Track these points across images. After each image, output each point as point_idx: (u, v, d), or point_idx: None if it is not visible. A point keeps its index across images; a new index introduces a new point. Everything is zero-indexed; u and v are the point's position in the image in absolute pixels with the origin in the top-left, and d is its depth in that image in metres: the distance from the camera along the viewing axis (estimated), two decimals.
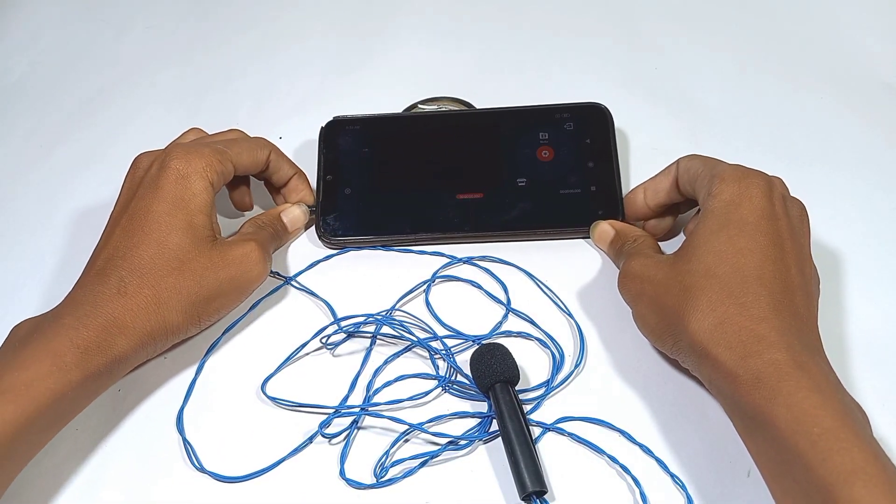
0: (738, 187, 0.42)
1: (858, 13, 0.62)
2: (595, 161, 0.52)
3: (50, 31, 0.68)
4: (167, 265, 0.43)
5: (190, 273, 0.44)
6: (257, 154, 0.49)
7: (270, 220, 0.50)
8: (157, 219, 0.44)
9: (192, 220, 0.45)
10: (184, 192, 0.45)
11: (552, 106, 0.54)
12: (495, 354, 0.44)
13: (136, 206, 0.45)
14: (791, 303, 0.39)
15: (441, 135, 0.54)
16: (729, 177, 0.42)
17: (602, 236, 0.49)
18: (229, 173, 0.47)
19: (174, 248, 0.44)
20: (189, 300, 0.44)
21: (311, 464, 0.43)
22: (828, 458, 0.33)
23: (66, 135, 0.60)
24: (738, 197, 0.41)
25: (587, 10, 0.64)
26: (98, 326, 0.41)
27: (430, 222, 0.51)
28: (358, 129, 0.54)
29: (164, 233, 0.44)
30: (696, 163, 0.45)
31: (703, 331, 0.38)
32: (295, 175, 0.52)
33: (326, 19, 0.66)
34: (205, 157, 0.46)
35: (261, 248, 0.47)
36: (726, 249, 0.40)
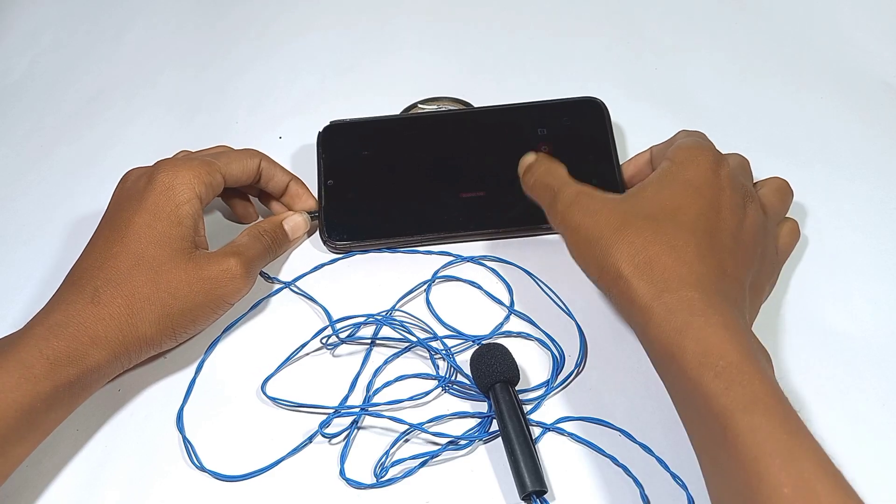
0: (689, 154, 0.44)
1: (858, 13, 0.62)
2: (594, 155, 0.52)
3: (50, 31, 0.68)
4: (142, 276, 0.43)
5: (165, 285, 0.43)
6: (247, 163, 0.49)
7: (271, 228, 0.50)
8: (136, 230, 0.44)
9: (172, 231, 0.44)
10: (167, 203, 0.45)
11: (548, 102, 0.55)
12: (495, 354, 0.44)
13: (119, 217, 0.45)
14: (718, 256, 0.41)
15: (440, 134, 0.54)
16: (684, 146, 0.45)
17: (524, 161, 0.49)
18: (219, 184, 0.47)
19: (150, 259, 0.43)
20: (163, 312, 0.43)
21: (311, 464, 0.43)
22: (730, 387, 0.35)
23: (66, 135, 0.60)
24: (687, 162, 0.44)
25: (587, 10, 0.64)
26: (69, 336, 0.41)
27: (433, 223, 0.51)
28: (356, 133, 0.54)
29: (142, 244, 0.44)
30: (680, 134, 0.48)
31: (632, 265, 0.41)
32: (291, 181, 0.52)
33: (326, 19, 0.66)
34: (192, 168, 0.46)
35: (243, 263, 0.46)
36: (667, 203, 0.42)
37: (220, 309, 0.46)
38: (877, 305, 0.47)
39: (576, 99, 0.55)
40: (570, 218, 0.44)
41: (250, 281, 0.47)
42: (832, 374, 0.45)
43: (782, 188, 0.48)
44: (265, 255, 0.49)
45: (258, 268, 0.48)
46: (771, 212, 0.46)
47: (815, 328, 0.47)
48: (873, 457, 0.42)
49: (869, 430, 0.43)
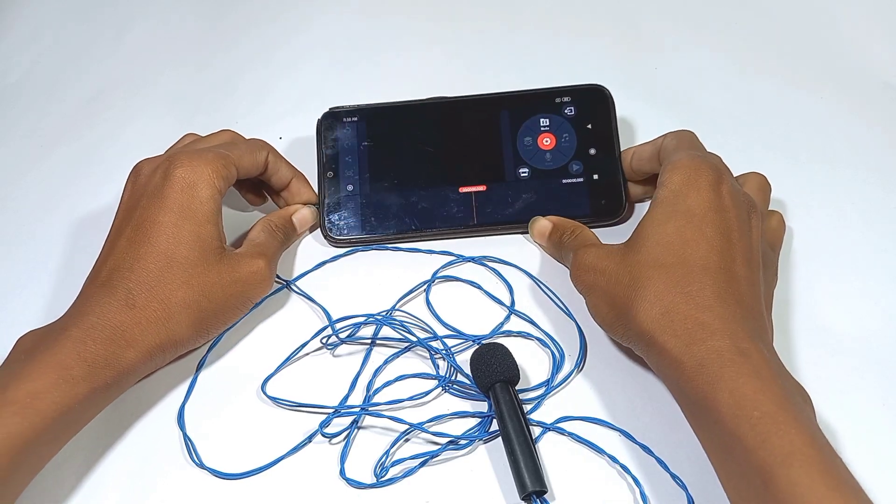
0: (687, 177, 0.42)
1: (858, 13, 0.62)
2: (597, 148, 0.52)
3: (50, 31, 0.68)
4: (176, 279, 0.43)
5: (199, 287, 0.43)
6: (257, 155, 0.49)
7: (282, 223, 0.50)
8: (163, 230, 0.43)
9: (200, 230, 0.44)
10: (191, 202, 0.44)
11: (552, 89, 0.54)
12: (495, 354, 0.44)
13: (142, 216, 0.44)
14: (736, 291, 0.40)
15: (441, 123, 0.54)
16: (680, 166, 0.43)
17: (541, 231, 0.49)
18: (233, 178, 0.47)
19: (182, 261, 0.43)
20: (198, 315, 0.43)
21: (311, 463, 0.43)
22: (766, 440, 0.34)
23: (66, 135, 0.60)
24: (685, 187, 0.42)
25: (587, 10, 0.64)
26: (106, 339, 0.40)
27: (434, 218, 0.51)
28: (355, 121, 0.54)
29: (171, 245, 0.43)
30: (672, 142, 0.47)
31: (651, 320, 0.39)
32: (294, 178, 0.52)
33: (326, 19, 0.66)
34: (210, 162, 0.45)
35: (269, 263, 0.46)
36: (673, 240, 0.41)
37: (246, 308, 0.46)
38: (877, 305, 0.47)
39: (580, 86, 0.54)
40: (583, 281, 0.44)
41: (273, 279, 0.47)
42: (832, 374, 0.45)
43: (763, 184, 0.48)
44: (281, 251, 0.50)
45: (278, 262, 0.49)
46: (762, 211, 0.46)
47: (816, 328, 0.47)
48: (874, 457, 0.42)
49: (869, 430, 0.43)
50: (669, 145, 0.47)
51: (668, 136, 0.48)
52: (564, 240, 0.48)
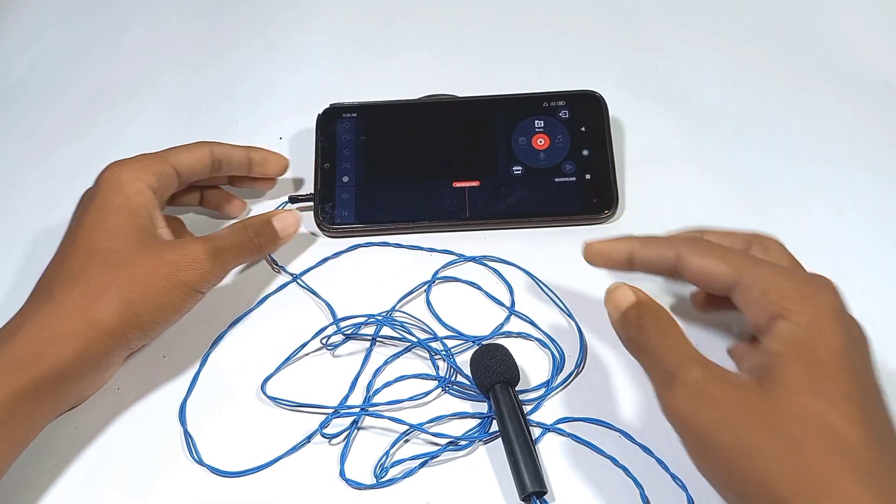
0: (812, 310, 0.36)
1: (859, 13, 0.62)
2: (590, 149, 0.53)
3: (50, 31, 0.68)
4: (97, 267, 0.42)
5: (123, 272, 0.42)
6: (197, 150, 0.48)
7: (258, 222, 0.48)
8: (86, 226, 0.43)
9: (125, 222, 0.43)
10: (115, 197, 0.44)
11: (547, 93, 0.55)
12: (495, 355, 0.44)
13: (71, 223, 0.45)
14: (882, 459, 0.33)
15: (438, 122, 0.55)
16: (793, 296, 0.36)
17: (619, 300, 0.40)
18: (170, 174, 0.46)
19: (105, 251, 0.42)
20: (122, 298, 0.41)
21: (310, 464, 0.43)
22: None
23: (66, 135, 0.60)
24: (817, 322, 0.35)
25: (587, 10, 0.64)
26: (23, 339, 0.39)
27: (427, 210, 0.52)
28: (354, 117, 0.55)
29: (94, 239, 0.43)
30: (718, 266, 0.38)
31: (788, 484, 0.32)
32: (250, 151, 0.51)
33: (326, 19, 0.66)
34: (138, 160, 0.46)
35: (209, 248, 0.44)
36: (816, 410, 0.33)
37: (186, 296, 0.43)
38: (877, 305, 0.47)
39: (574, 91, 0.55)
40: (694, 417, 0.35)
41: (218, 268, 0.45)
42: None
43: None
44: (244, 248, 0.47)
45: (232, 259, 0.46)
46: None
47: None
48: None
49: None
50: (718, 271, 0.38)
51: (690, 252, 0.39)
52: (645, 325, 0.38)
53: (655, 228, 0.51)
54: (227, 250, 0.45)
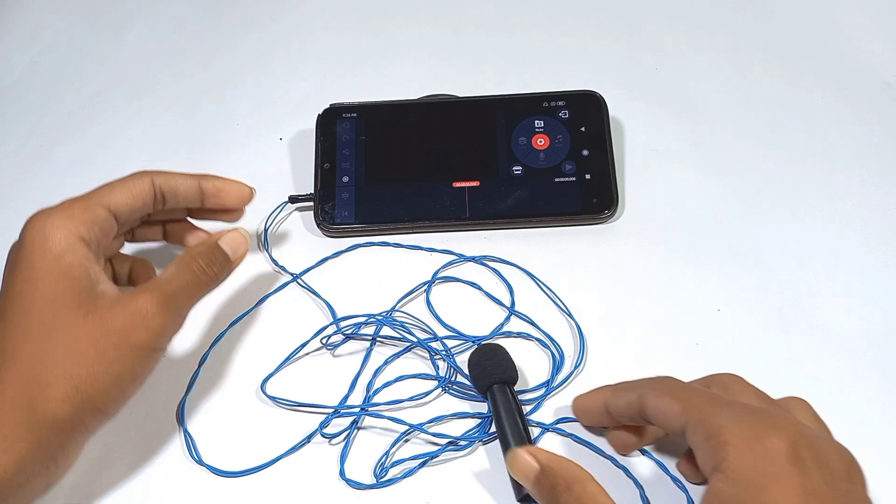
0: (754, 460, 0.30)
1: (859, 13, 0.62)
2: (590, 149, 0.53)
3: (50, 31, 0.68)
4: (32, 348, 0.35)
5: (63, 350, 0.35)
6: (134, 185, 0.42)
7: (205, 251, 0.42)
8: (16, 298, 0.36)
9: (58, 287, 0.36)
10: (44, 258, 0.37)
11: (547, 93, 0.55)
12: (493, 355, 0.44)
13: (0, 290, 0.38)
14: None
15: (438, 122, 0.55)
16: (734, 441, 0.31)
17: (522, 471, 0.37)
18: (104, 220, 0.40)
19: (37, 326, 0.36)
20: (69, 384, 0.35)
21: (310, 464, 0.43)
22: None
23: (66, 135, 0.60)
24: (757, 477, 0.30)
25: (587, 10, 0.64)
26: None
27: (427, 210, 0.52)
28: (354, 117, 0.55)
29: (24, 312, 0.36)
30: (671, 406, 0.35)
31: None
32: (201, 180, 0.45)
33: (327, 19, 0.66)
34: (64, 210, 0.39)
35: (160, 299, 0.38)
36: None
37: (143, 360, 0.38)
38: (877, 305, 0.47)
39: (574, 91, 0.55)
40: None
41: (173, 319, 0.39)
42: (832, 374, 0.45)
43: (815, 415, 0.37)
44: (197, 285, 0.41)
45: (187, 301, 0.40)
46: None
47: (815, 328, 0.47)
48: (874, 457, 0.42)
49: (869, 429, 0.43)
50: (671, 411, 0.34)
51: (651, 399, 0.36)
52: (564, 500, 0.35)
53: (655, 228, 0.51)
54: (180, 294, 0.39)
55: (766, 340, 0.46)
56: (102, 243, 0.40)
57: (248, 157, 0.57)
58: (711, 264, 0.49)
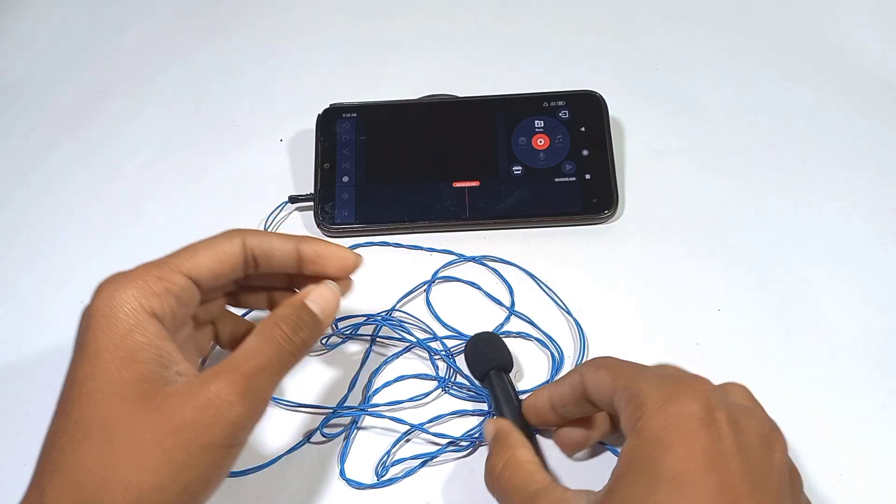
0: (665, 419, 0.30)
1: (859, 12, 0.62)
2: (590, 149, 0.53)
3: (50, 30, 0.68)
4: (91, 450, 0.30)
5: (121, 450, 0.30)
6: (222, 247, 0.36)
7: (290, 314, 0.35)
8: (77, 386, 0.32)
9: (120, 376, 0.31)
10: (107, 337, 0.32)
11: (547, 93, 0.55)
12: (488, 343, 0.45)
13: (67, 373, 0.33)
14: None
15: (438, 122, 0.55)
16: (650, 402, 0.31)
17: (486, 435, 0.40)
18: (182, 288, 0.34)
19: (99, 423, 0.31)
20: (126, 494, 0.30)
21: (310, 464, 0.43)
22: None
23: (66, 135, 0.60)
24: (666, 435, 0.30)
25: (587, 10, 0.64)
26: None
27: (427, 210, 0.52)
28: (354, 117, 0.55)
29: (86, 405, 0.31)
30: (604, 377, 0.35)
31: None
32: (301, 244, 0.39)
33: (326, 19, 0.66)
34: (133, 279, 0.33)
35: (237, 381, 0.32)
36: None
37: (220, 460, 0.32)
38: (877, 305, 0.47)
39: (574, 91, 0.55)
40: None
41: (254, 403, 0.32)
42: (832, 374, 0.45)
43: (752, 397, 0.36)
44: (281, 359, 0.34)
45: (271, 379, 0.34)
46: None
47: (815, 328, 0.47)
48: (874, 457, 0.42)
49: (869, 430, 0.43)
50: (603, 383, 0.35)
51: (588, 374, 0.36)
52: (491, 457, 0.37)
53: (655, 228, 0.51)
54: (262, 373, 0.33)
55: (766, 340, 0.46)
56: (180, 314, 0.34)
57: (249, 158, 0.57)
58: (711, 264, 0.49)
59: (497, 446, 0.38)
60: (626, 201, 0.53)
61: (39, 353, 0.49)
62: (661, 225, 0.51)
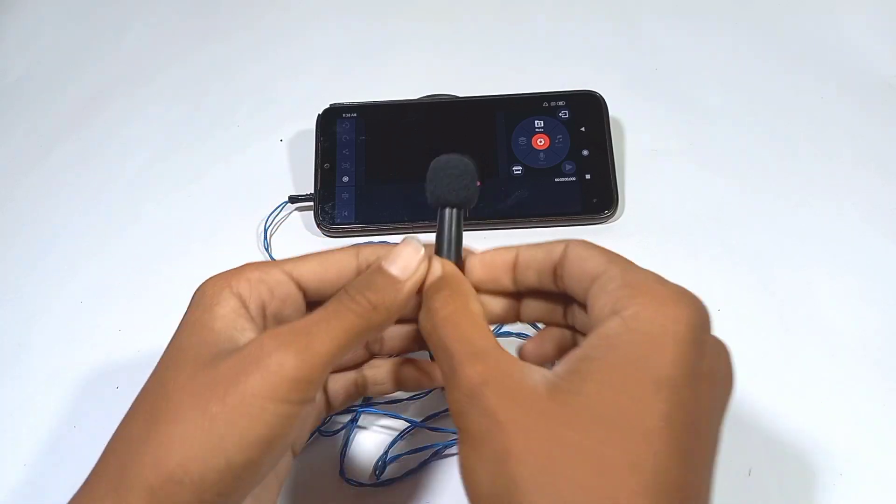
0: (664, 318, 0.28)
1: (859, 12, 0.62)
2: (590, 149, 0.53)
3: (49, 30, 0.68)
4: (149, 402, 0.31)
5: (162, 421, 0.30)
6: (333, 255, 0.35)
7: (363, 280, 0.33)
8: (165, 354, 0.33)
9: (195, 338, 0.32)
10: (192, 311, 0.33)
11: (547, 93, 0.55)
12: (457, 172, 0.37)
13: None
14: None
15: (438, 122, 0.55)
16: (649, 294, 0.29)
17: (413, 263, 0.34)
18: (275, 280, 0.34)
19: (169, 379, 0.31)
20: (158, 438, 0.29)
21: (310, 463, 0.43)
22: None
23: (66, 135, 0.60)
24: (662, 335, 0.28)
25: (587, 10, 0.64)
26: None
27: (427, 210, 0.51)
28: (354, 117, 0.55)
29: (166, 365, 0.32)
30: (596, 255, 0.32)
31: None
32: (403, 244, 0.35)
33: (326, 19, 0.66)
34: (235, 269, 0.34)
35: (285, 337, 0.31)
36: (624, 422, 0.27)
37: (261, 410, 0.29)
38: (877, 305, 0.47)
39: (574, 91, 0.55)
40: (465, 420, 0.29)
41: (301, 354, 0.30)
42: (832, 373, 0.45)
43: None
44: (343, 317, 0.32)
45: (328, 337, 0.31)
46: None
47: (815, 328, 0.47)
48: (874, 457, 0.42)
49: (869, 429, 0.43)
50: (593, 259, 0.32)
51: (576, 246, 0.33)
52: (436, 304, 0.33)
53: (655, 228, 0.51)
54: (314, 328, 0.31)
55: (766, 340, 0.46)
56: (266, 300, 0.34)
57: (249, 158, 0.57)
58: (711, 264, 0.49)
59: (446, 290, 0.33)
60: (626, 201, 0.53)
61: (39, 353, 0.49)
62: (661, 225, 0.51)
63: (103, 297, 0.51)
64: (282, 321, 0.34)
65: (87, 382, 0.48)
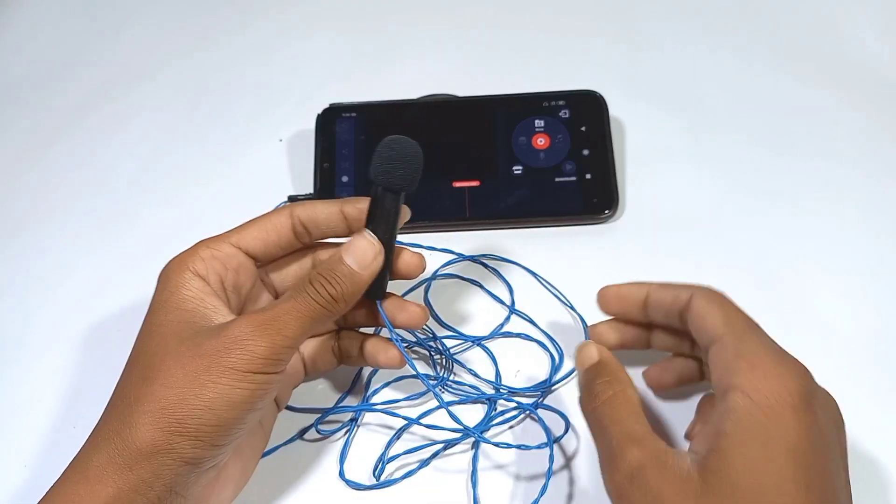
0: (778, 384, 0.33)
1: (860, 12, 0.62)
2: (590, 149, 0.53)
3: (49, 29, 0.68)
4: (132, 377, 0.36)
5: (156, 376, 0.35)
6: (269, 219, 0.40)
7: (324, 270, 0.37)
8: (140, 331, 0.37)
9: (166, 318, 0.36)
10: (159, 294, 0.38)
11: (547, 93, 0.55)
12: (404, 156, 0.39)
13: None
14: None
15: (438, 122, 0.55)
16: (763, 366, 0.34)
17: (584, 360, 0.41)
18: (227, 255, 0.39)
19: (144, 357, 0.36)
20: (155, 405, 0.34)
21: (309, 464, 0.43)
22: None
23: (66, 134, 0.60)
24: (779, 405, 0.32)
25: (587, 10, 0.64)
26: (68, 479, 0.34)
27: (427, 210, 0.52)
28: (354, 117, 0.55)
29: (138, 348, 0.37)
30: (717, 315, 0.37)
31: None
32: (344, 205, 0.40)
33: (325, 18, 0.66)
34: (188, 251, 0.39)
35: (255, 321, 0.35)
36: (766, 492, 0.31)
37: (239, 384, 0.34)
38: (876, 304, 0.47)
39: (575, 91, 0.55)
40: (629, 499, 0.33)
41: (272, 335, 0.35)
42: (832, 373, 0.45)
43: None
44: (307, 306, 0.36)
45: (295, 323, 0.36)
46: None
47: (815, 326, 0.47)
48: (874, 457, 0.42)
49: (869, 429, 0.43)
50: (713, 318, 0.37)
51: (702, 296, 0.38)
52: (596, 390, 0.38)
53: (655, 228, 0.51)
54: (285, 315, 0.36)
55: None
56: (225, 277, 0.39)
57: (248, 158, 0.57)
58: (712, 263, 0.49)
59: (606, 376, 0.39)
60: (626, 201, 0.53)
61: (39, 353, 0.49)
62: (662, 225, 0.51)
63: (103, 296, 0.51)
64: (240, 289, 0.40)
65: (87, 382, 0.48)
